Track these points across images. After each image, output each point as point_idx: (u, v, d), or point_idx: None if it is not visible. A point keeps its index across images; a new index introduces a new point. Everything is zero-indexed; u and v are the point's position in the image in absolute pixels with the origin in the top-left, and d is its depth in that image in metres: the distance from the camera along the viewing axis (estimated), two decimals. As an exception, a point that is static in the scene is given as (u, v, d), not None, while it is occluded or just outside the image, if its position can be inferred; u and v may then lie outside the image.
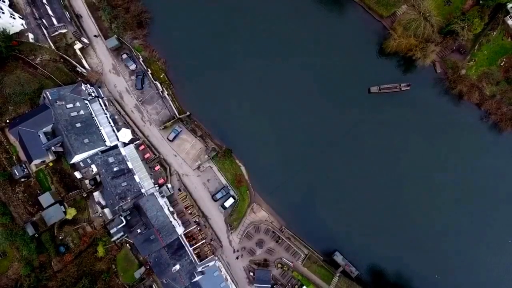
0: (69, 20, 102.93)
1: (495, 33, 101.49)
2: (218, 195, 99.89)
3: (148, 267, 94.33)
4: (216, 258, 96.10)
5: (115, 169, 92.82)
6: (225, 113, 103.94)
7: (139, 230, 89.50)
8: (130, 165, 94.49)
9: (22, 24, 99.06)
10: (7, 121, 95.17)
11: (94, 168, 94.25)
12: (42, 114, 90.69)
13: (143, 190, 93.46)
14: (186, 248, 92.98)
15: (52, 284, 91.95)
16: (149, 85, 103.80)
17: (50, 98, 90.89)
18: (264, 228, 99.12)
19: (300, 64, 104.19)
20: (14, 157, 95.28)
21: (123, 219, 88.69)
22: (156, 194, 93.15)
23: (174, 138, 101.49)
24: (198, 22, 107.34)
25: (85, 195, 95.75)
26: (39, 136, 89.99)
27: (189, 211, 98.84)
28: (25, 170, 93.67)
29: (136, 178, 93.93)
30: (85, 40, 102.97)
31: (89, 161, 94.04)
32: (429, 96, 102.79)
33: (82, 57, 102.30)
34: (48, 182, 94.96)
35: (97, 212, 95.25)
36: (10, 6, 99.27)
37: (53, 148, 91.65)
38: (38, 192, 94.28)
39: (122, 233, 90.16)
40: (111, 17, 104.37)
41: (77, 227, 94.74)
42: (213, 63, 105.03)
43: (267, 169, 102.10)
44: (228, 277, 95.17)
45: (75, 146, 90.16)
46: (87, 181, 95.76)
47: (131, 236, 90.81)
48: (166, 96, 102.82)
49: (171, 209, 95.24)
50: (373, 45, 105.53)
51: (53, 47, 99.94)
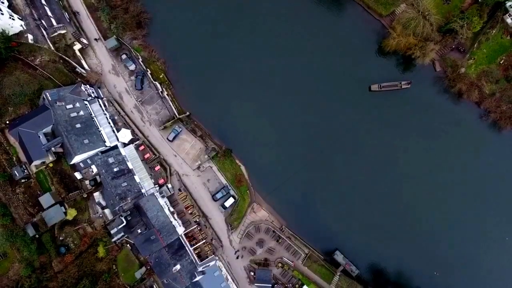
0: (68, 21, 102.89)
1: (494, 32, 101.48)
2: (218, 195, 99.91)
3: (149, 267, 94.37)
4: (217, 258, 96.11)
5: (115, 170, 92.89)
6: (225, 113, 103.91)
7: (140, 231, 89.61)
8: (130, 166, 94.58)
9: (21, 25, 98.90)
10: (7, 122, 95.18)
11: (94, 169, 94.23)
12: (42, 115, 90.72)
13: (143, 191, 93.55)
14: (187, 248, 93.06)
15: (53, 285, 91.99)
16: (149, 85, 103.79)
17: (50, 99, 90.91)
18: (265, 228, 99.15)
19: (300, 63, 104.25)
20: (14, 158, 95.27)
21: (124, 220, 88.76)
22: (157, 194, 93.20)
23: (174, 138, 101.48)
24: (198, 22, 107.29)
25: (86, 196, 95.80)
26: (39, 137, 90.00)
27: (190, 211, 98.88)
28: (25, 171, 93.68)
29: (136, 179, 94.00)
30: (85, 41, 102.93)
31: (89, 162, 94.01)
32: (429, 95, 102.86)
33: (82, 58, 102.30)
34: (48, 183, 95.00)
35: (98, 213, 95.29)
36: (9, 7, 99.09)
37: (53, 149, 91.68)
38: (39, 193, 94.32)
39: (123, 234, 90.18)
40: (110, 18, 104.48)
41: (78, 228, 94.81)
42: (213, 63, 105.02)
43: (267, 169, 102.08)
44: (229, 277, 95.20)
45: (75, 147, 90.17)
46: (87, 182, 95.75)
47: (132, 237, 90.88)
48: (166, 96, 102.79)
49: (172, 209, 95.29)
50: (373, 44, 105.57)
51: (53, 48, 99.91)
